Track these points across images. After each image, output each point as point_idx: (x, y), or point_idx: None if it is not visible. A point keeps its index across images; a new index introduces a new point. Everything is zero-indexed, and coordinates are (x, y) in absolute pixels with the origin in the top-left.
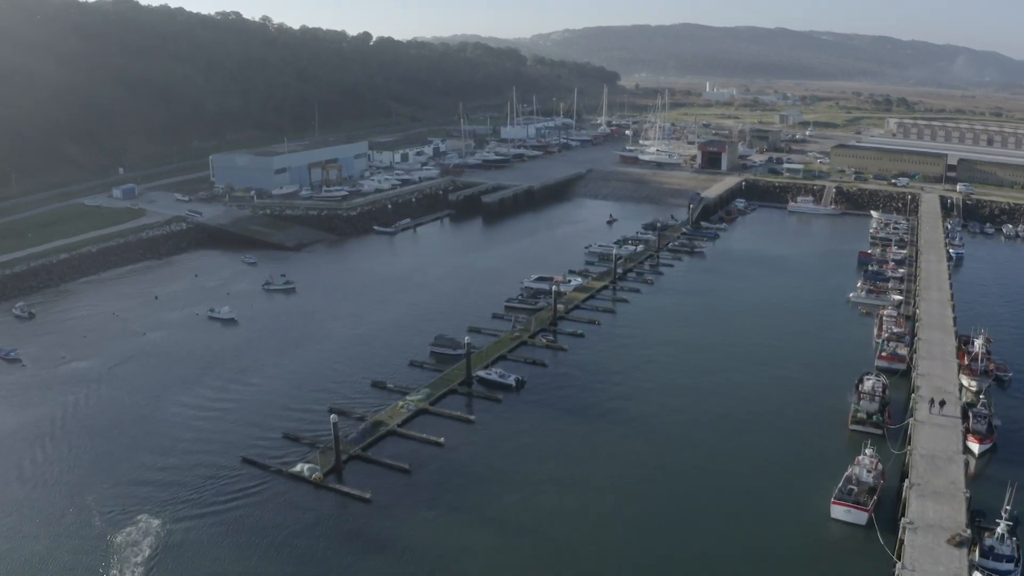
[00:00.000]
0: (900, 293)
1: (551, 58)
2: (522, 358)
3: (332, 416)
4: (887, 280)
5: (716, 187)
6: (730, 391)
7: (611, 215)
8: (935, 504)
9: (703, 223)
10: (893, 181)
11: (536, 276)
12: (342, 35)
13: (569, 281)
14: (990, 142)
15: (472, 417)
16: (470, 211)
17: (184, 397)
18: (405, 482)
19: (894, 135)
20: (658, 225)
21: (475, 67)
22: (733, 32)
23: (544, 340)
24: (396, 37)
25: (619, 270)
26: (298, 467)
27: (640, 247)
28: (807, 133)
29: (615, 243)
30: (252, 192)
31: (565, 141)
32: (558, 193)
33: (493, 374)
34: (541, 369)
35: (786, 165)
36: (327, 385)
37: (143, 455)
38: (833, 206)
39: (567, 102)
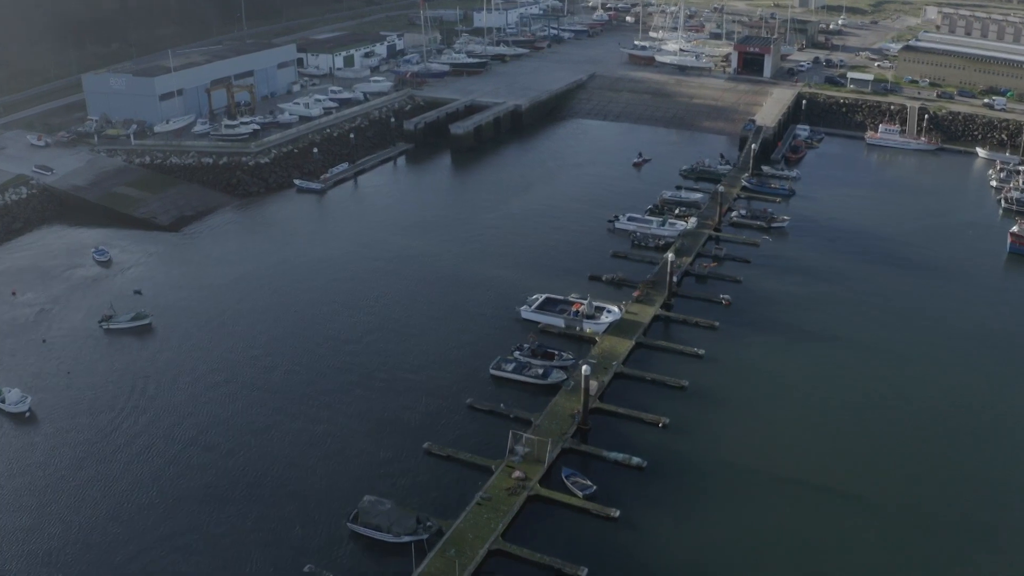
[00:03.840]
0: None
1: None
2: None
3: None
4: None
5: (768, 107)
6: None
7: (640, 154)
8: None
9: (764, 167)
10: (988, 101)
11: (540, 298)
12: None
13: (601, 314)
14: None
15: None
16: (434, 146)
17: None
18: None
19: (937, 28)
20: (719, 188)
21: None
22: None
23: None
24: None
25: (674, 277)
26: None
27: (691, 220)
28: (839, 22)
29: (649, 212)
30: (131, 128)
31: (556, 32)
32: (553, 112)
33: None
34: None
35: (851, 74)
36: None
37: None
38: (924, 139)
39: None
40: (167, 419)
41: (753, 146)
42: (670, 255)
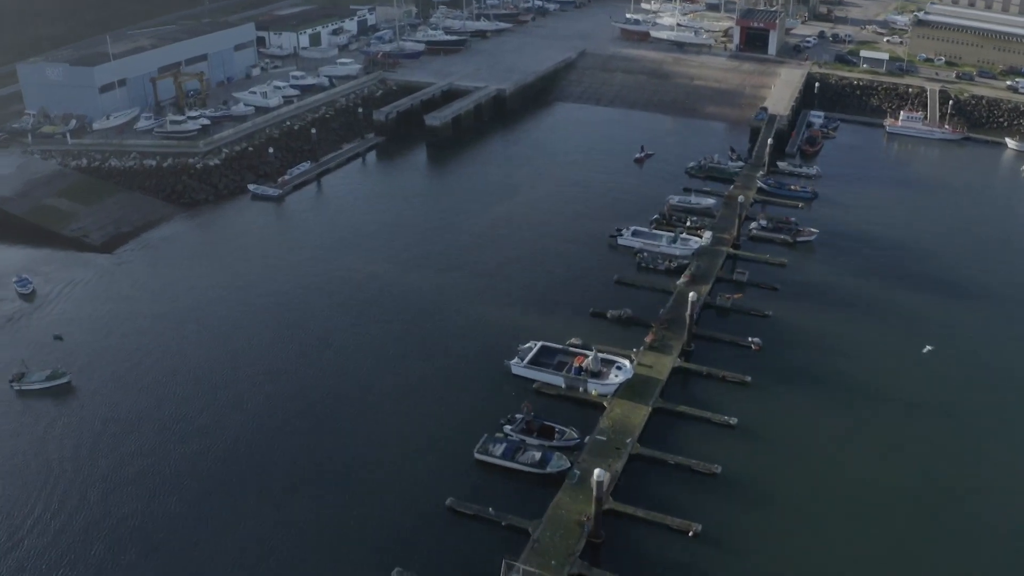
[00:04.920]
0: None
1: None
2: None
3: None
4: None
5: (778, 91)
6: None
7: (642, 148)
8: None
9: (779, 163)
10: (1012, 83)
11: (534, 347)
12: None
13: (609, 371)
14: None
15: None
16: (407, 139)
17: None
18: None
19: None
20: (732, 190)
21: None
22: None
23: None
24: None
25: (694, 314)
26: None
27: (705, 235)
28: None
29: (656, 224)
30: (70, 125)
31: (540, 4)
32: (540, 96)
33: None
34: None
35: (864, 53)
36: None
37: None
38: (948, 127)
39: None
40: (78, 523)
41: (770, 141)
42: (687, 288)
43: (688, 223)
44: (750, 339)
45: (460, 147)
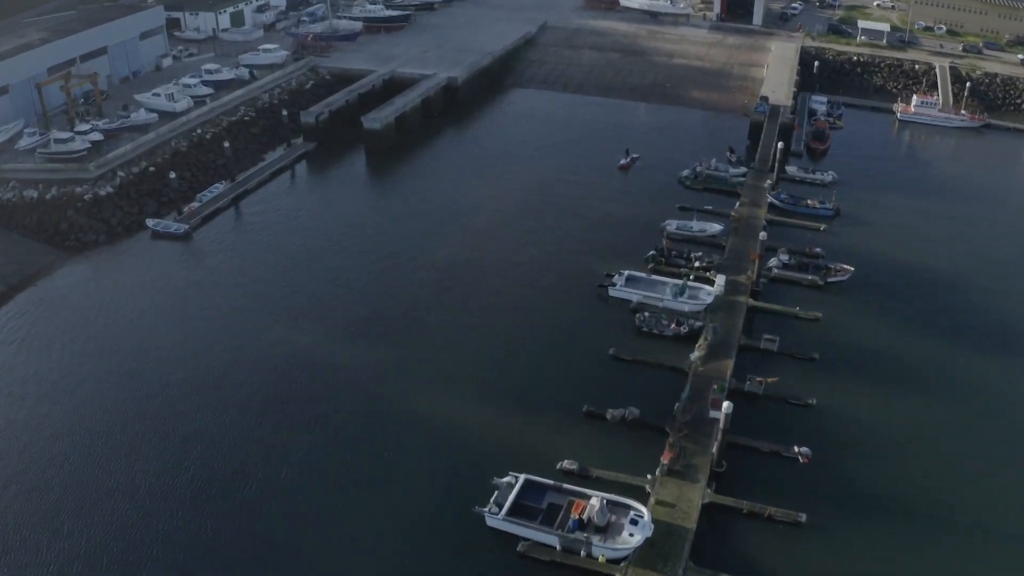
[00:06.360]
0: None
1: None
2: None
3: None
4: None
5: (774, 71)
6: None
7: (627, 152)
8: None
9: (788, 168)
10: None
11: (516, 484)
12: None
13: (621, 521)
14: None
15: None
16: (342, 145)
17: None
18: None
19: None
20: (742, 213)
21: None
22: None
23: None
24: None
25: (721, 414)
26: None
27: (717, 281)
28: None
29: (654, 263)
30: None
31: None
32: (497, 82)
33: None
34: None
35: (863, 24)
36: None
37: None
38: (965, 113)
39: None
40: None
41: (779, 144)
42: (704, 366)
43: (694, 260)
44: (796, 449)
45: (406, 153)
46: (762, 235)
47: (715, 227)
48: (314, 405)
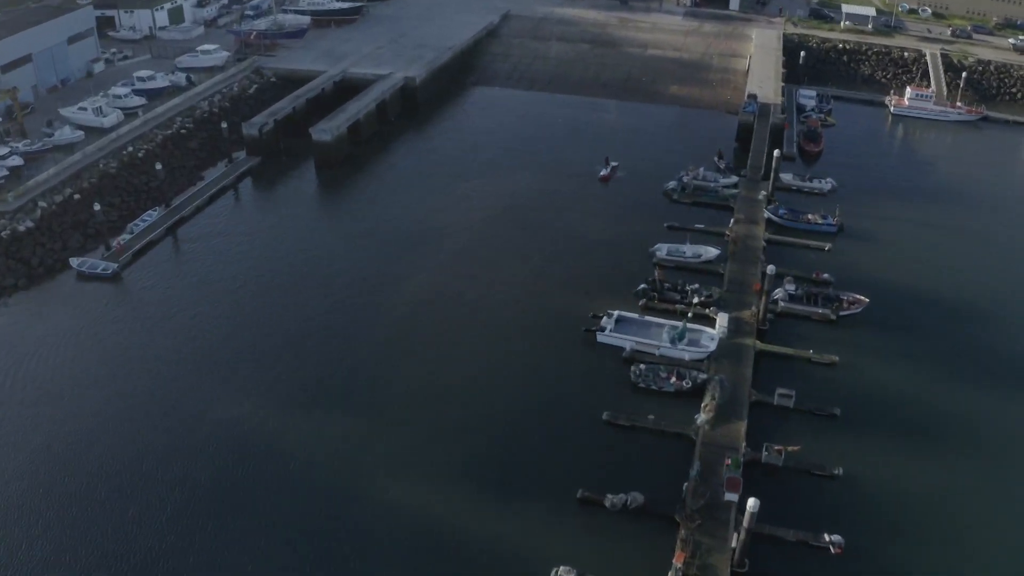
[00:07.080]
0: None
1: None
2: None
3: None
4: None
5: (758, 62)
6: None
7: (607, 161)
8: None
9: (783, 176)
10: (1016, 41)
11: None
12: None
13: None
14: None
15: None
16: (290, 158)
17: None
18: None
19: None
20: (738, 232)
21: None
22: None
23: None
24: None
25: (738, 496)
26: None
27: (720, 321)
28: None
29: (642, 295)
30: None
31: None
32: (458, 80)
33: None
34: None
35: (846, 7)
36: None
37: None
38: (961, 105)
39: None
40: None
41: (777, 153)
42: (713, 430)
43: (691, 295)
44: (827, 538)
45: (361, 166)
46: (770, 268)
47: (711, 252)
48: (256, 491)
